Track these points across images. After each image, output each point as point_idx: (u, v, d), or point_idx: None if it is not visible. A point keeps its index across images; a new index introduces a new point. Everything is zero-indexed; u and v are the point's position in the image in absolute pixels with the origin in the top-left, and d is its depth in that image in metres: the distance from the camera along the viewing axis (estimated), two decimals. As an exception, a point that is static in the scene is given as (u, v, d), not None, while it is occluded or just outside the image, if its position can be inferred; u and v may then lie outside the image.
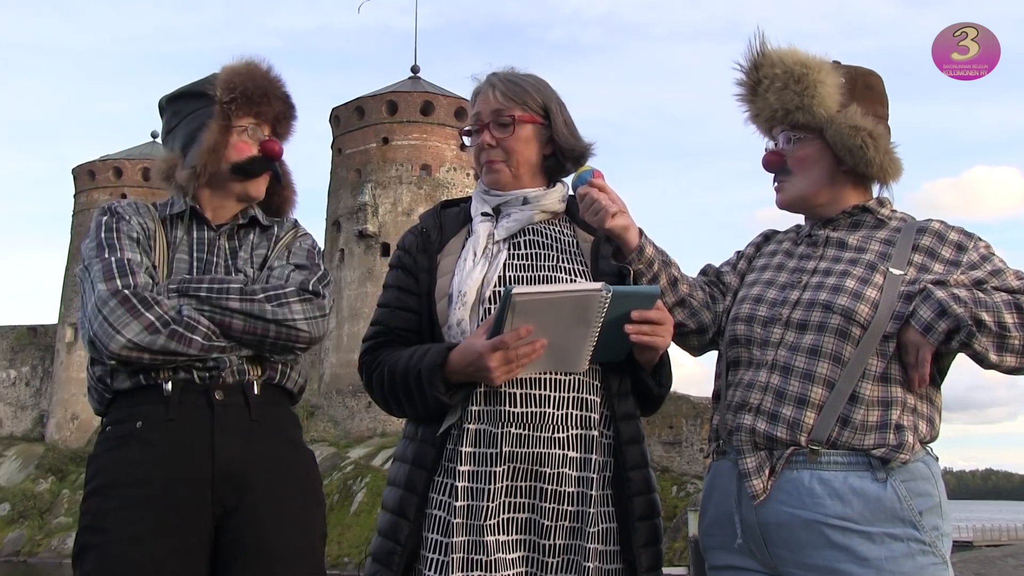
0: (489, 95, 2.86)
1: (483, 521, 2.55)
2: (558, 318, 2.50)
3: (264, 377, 2.89)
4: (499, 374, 2.53)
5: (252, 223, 3.09)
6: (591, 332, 2.55)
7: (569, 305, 2.49)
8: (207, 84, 3.02)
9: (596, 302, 2.49)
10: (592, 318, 2.52)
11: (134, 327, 2.68)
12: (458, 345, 2.60)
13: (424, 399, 2.61)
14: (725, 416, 2.77)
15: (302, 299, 2.87)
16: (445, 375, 2.58)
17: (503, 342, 2.48)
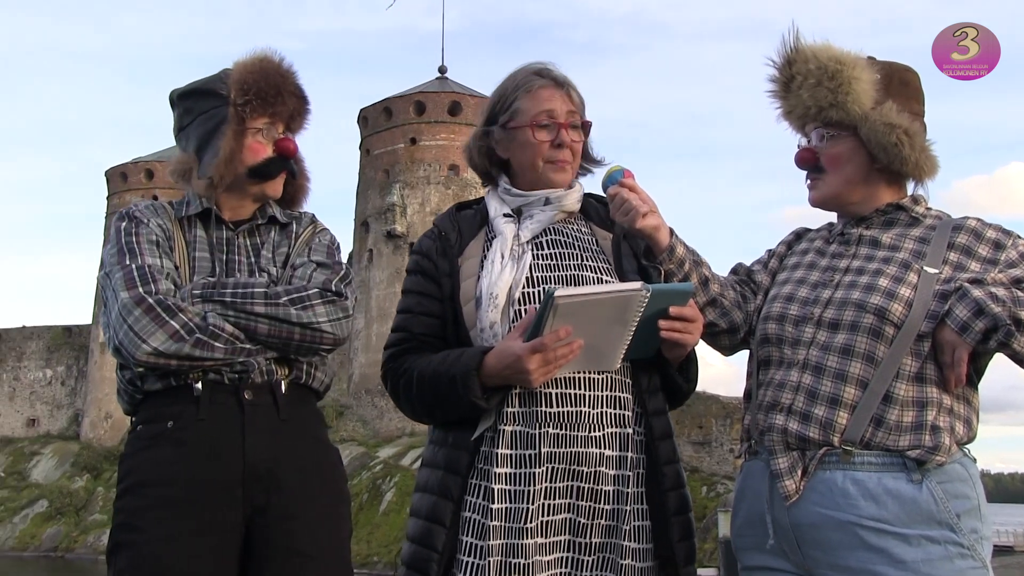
0: (563, 95, 2.83)
1: (523, 524, 2.52)
2: (597, 318, 2.48)
3: (291, 377, 2.89)
4: (538, 376, 2.50)
5: (271, 221, 3.08)
6: (627, 331, 2.53)
7: (609, 306, 2.47)
8: (219, 82, 2.99)
9: (636, 302, 2.47)
10: (630, 317, 2.50)
11: (159, 336, 2.68)
12: (493, 348, 2.57)
13: (458, 403, 2.58)
14: (756, 416, 2.74)
15: (325, 301, 2.86)
16: (481, 379, 2.55)
17: (543, 344, 2.46)
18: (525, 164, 2.83)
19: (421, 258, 2.85)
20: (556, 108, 2.80)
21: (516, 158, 2.85)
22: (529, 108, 2.81)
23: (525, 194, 2.83)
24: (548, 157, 2.81)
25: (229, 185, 2.98)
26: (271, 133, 2.99)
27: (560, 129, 2.80)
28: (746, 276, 3.03)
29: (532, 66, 2.87)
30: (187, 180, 3.02)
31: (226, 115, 2.94)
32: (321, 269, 2.95)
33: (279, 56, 3.03)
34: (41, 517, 62.34)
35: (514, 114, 2.82)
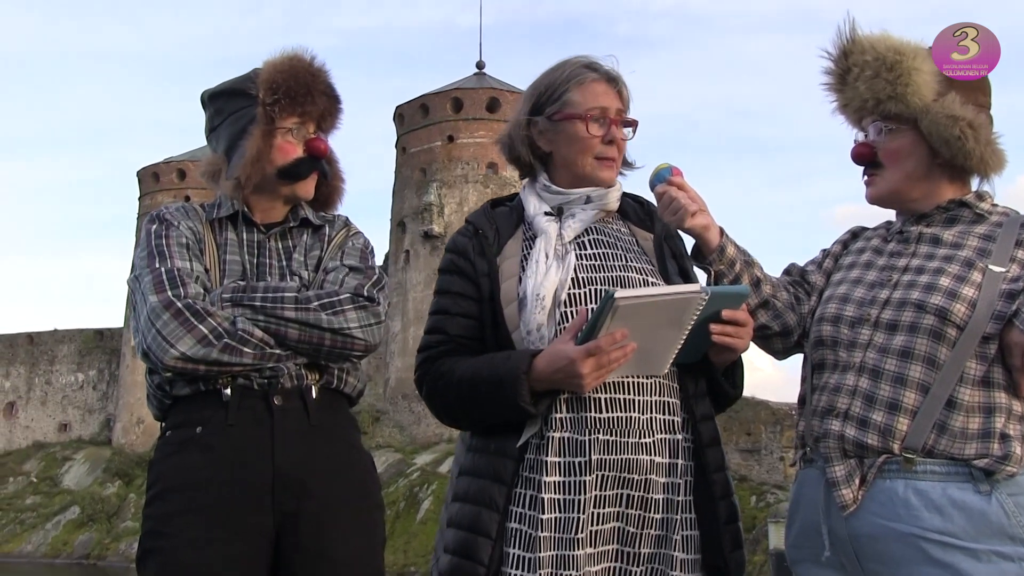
0: (614, 91, 2.81)
1: (573, 534, 2.49)
2: (652, 321, 2.45)
3: (322, 382, 2.91)
4: (590, 380, 2.46)
5: (303, 224, 3.08)
6: (681, 335, 2.50)
7: (667, 308, 2.44)
8: (249, 82, 3.00)
9: (694, 305, 2.45)
10: (686, 320, 2.47)
11: (187, 340, 2.70)
12: (542, 351, 2.54)
13: (504, 408, 2.54)
14: (811, 422, 2.70)
15: (357, 306, 2.87)
16: (529, 382, 2.52)
17: (599, 347, 2.42)
18: (571, 159, 2.79)
19: (457, 257, 2.82)
20: (608, 104, 2.78)
21: (562, 152, 2.81)
22: (581, 101, 2.77)
23: (566, 192, 2.80)
24: (599, 153, 2.78)
25: (259, 187, 2.99)
26: (301, 133, 3.00)
27: (611, 125, 2.77)
28: (799, 277, 3.00)
29: (581, 59, 2.84)
30: (217, 181, 3.03)
31: (255, 115, 2.96)
32: (353, 274, 2.96)
33: (310, 54, 3.05)
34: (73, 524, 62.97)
35: (564, 105, 2.78)
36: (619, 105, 2.79)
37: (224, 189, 3.01)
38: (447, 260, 2.85)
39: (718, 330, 2.54)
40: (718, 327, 2.53)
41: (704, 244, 2.76)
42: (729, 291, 2.56)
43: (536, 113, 2.83)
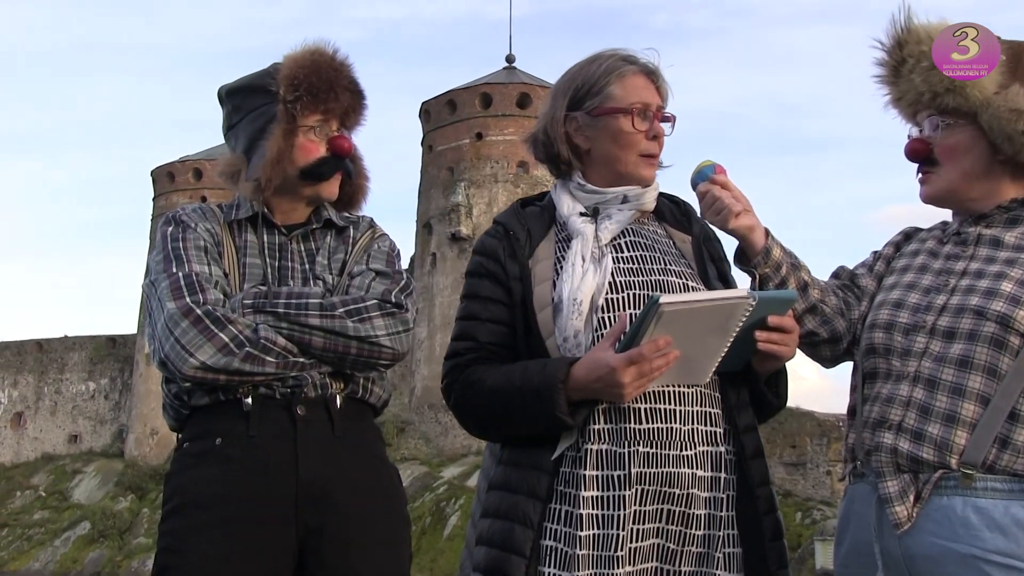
0: (656, 86, 2.81)
1: (613, 551, 2.48)
2: (697, 328, 2.44)
3: (347, 391, 2.92)
4: (631, 390, 2.46)
5: (327, 225, 3.09)
6: (725, 342, 2.50)
7: (712, 314, 2.43)
8: (268, 78, 3.00)
9: (741, 311, 2.44)
10: (731, 327, 2.47)
11: (207, 349, 2.71)
12: (580, 359, 2.53)
13: (538, 419, 2.54)
14: (862, 434, 2.69)
15: (384, 313, 2.88)
16: (566, 392, 2.51)
17: (641, 355, 2.41)
18: (613, 155, 2.78)
19: (486, 259, 2.81)
20: (649, 98, 2.78)
21: (602, 148, 2.80)
22: (623, 95, 2.76)
23: (602, 191, 2.79)
24: (643, 150, 2.77)
25: (281, 187, 3.00)
26: (324, 131, 3.00)
27: (654, 120, 2.77)
28: (849, 281, 2.98)
29: (617, 51, 2.83)
30: (236, 182, 3.04)
31: (275, 113, 2.96)
32: (380, 279, 2.97)
33: (332, 48, 3.05)
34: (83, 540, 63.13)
35: (605, 100, 2.77)
36: (659, 100, 2.79)
37: (243, 191, 3.02)
38: (475, 263, 2.85)
39: (763, 337, 2.53)
40: (763, 334, 2.53)
41: (749, 246, 2.75)
42: (776, 296, 2.56)
43: (574, 108, 2.81)
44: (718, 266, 2.81)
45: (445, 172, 60.90)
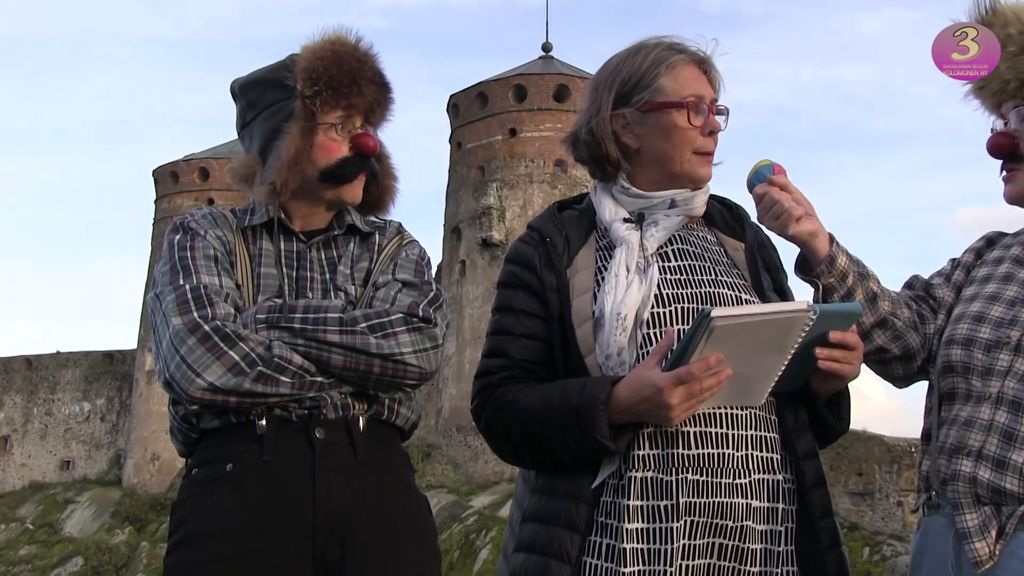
0: (707, 77, 2.82)
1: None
2: (751, 344, 2.44)
3: (371, 413, 2.92)
4: (679, 412, 2.45)
5: (350, 231, 3.10)
6: (783, 360, 2.50)
7: (769, 329, 2.43)
8: (285, 71, 3.01)
9: (800, 325, 2.44)
10: (789, 343, 2.47)
11: (216, 369, 2.71)
12: (623, 378, 2.53)
13: (579, 444, 2.54)
14: (938, 461, 2.68)
15: (411, 328, 2.87)
16: (609, 414, 2.51)
17: (691, 374, 2.41)
18: (666, 154, 2.78)
19: (521, 269, 2.82)
20: (702, 91, 2.78)
21: (653, 147, 2.80)
22: (675, 88, 2.77)
23: (648, 195, 2.80)
24: (698, 147, 2.77)
25: (299, 190, 3.01)
26: (347, 128, 3.02)
27: (710, 113, 2.78)
28: (924, 292, 2.97)
29: (663, 39, 2.83)
30: (251, 185, 3.06)
31: (293, 110, 2.97)
32: (407, 290, 2.97)
33: (355, 37, 3.06)
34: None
35: (656, 93, 2.77)
36: (712, 92, 2.80)
37: (259, 194, 3.03)
38: (508, 272, 2.86)
39: (825, 355, 2.53)
40: (825, 351, 2.53)
41: (811, 254, 2.74)
42: (839, 309, 2.56)
43: (620, 104, 2.81)
44: (774, 276, 2.81)
45: (475, 172, 60.87)
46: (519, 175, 59.43)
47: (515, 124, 60.16)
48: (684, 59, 2.79)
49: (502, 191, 59.36)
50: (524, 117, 60.11)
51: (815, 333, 2.48)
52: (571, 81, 59.79)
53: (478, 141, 61.25)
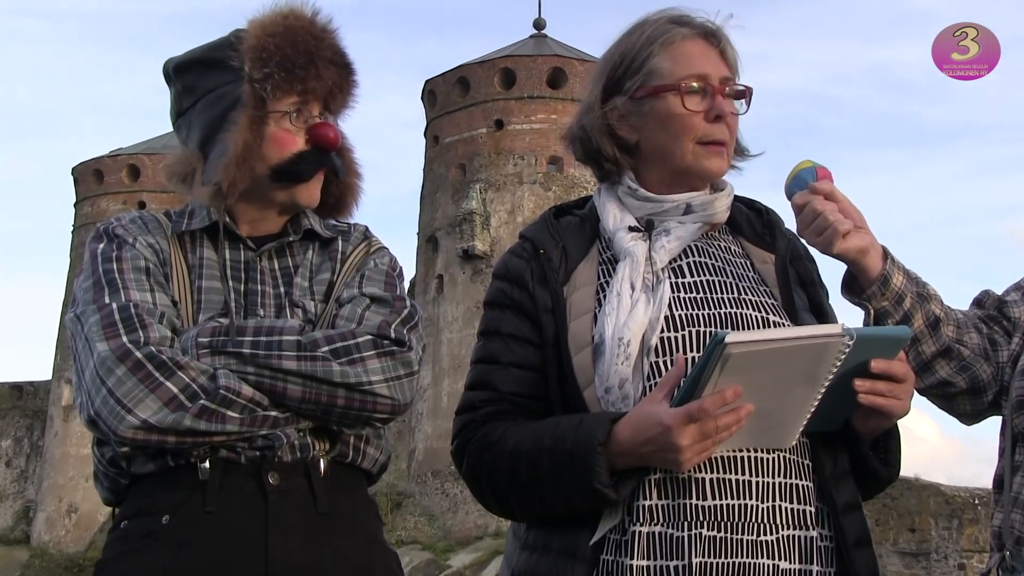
0: (717, 51, 2.81)
1: None
2: (776, 375, 2.41)
3: (333, 454, 2.90)
4: (691, 455, 2.42)
5: (307, 237, 3.10)
6: (815, 393, 2.46)
7: (796, 357, 2.39)
8: (229, 50, 2.99)
9: (833, 352, 2.39)
10: (822, 374, 2.42)
11: (150, 403, 2.67)
12: (625, 415, 2.51)
13: (574, 492, 2.53)
14: (1011, 515, 2.68)
15: (381, 352, 2.85)
16: (608, 457, 2.49)
17: (703, 410, 2.36)
18: (665, 146, 2.78)
19: (510, 286, 2.82)
20: (708, 69, 2.76)
21: (652, 139, 2.80)
22: (671, 68, 2.76)
23: (659, 198, 2.79)
24: (703, 135, 2.75)
25: (247, 190, 2.99)
26: (303, 118, 3.00)
27: (715, 95, 2.75)
28: (996, 311, 2.95)
29: (667, 12, 2.83)
30: (189, 185, 3.03)
31: (239, 96, 2.95)
32: (376, 306, 2.95)
33: (311, 9, 3.05)
34: (-29, 660, 62.43)
35: (648, 76, 2.77)
36: (724, 70, 2.78)
37: (200, 196, 3.01)
38: (495, 290, 2.86)
39: (866, 388, 2.48)
40: (866, 383, 2.48)
41: (861, 272, 2.72)
42: (882, 333, 2.54)
43: (614, 92, 2.82)
44: (811, 293, 2.79)
45: (455, 171, 60.88)
46: (506, 175, 59.44)
47: (502, 114, 60.17)
48: (686, 33, 2.79)
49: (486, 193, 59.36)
50: (512, 106, 60.14)
51: (854, 362, 2.44)
52: (568, 64, 59.84)
53: (458, 135, 61.27)
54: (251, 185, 2.98)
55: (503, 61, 61.26)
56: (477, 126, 60.62)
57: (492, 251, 58.33)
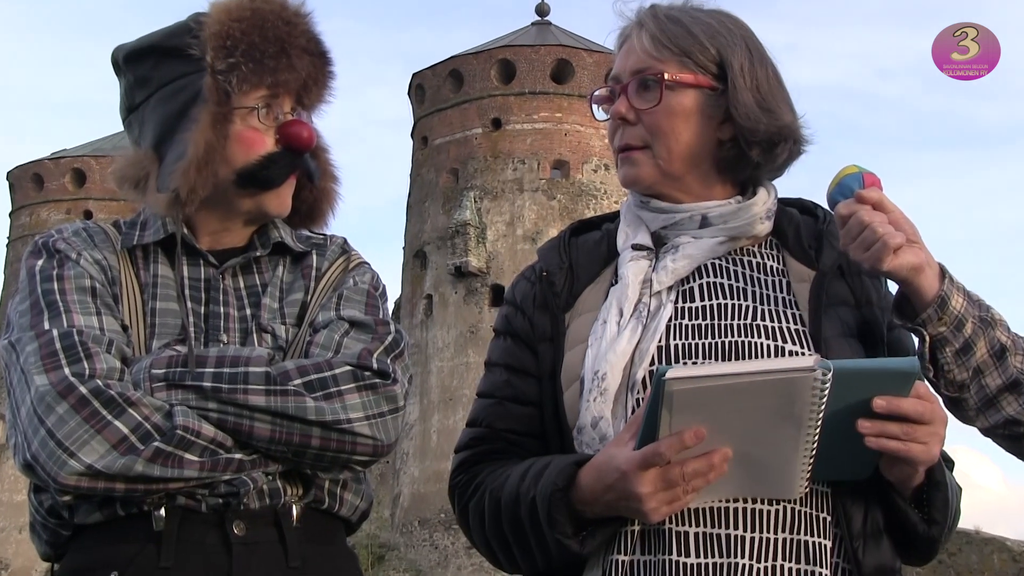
0: (634, 41, 2.81)
1: None
2: (748, 415, 2.36)
3: (308, 500, 2.88)
4: (655, 504, 2.39)
5: (277, 250, 3.08)
6: (804, 436, 2.41)
7: (762, 395, 2.34)
8: (189, 36, 2.95)
9: (806, 389, 2.34)
10: (803, 414, 2.37)
11: (96, 446, 2.62)
12: (591, 458, 2.50)
13: (541, 543, 2.53)
14: None
15: (362, 385, 2.81)
16: (573, 506, 2.48)
17: (658, 453, 2.34)
18: None
19: (514, 312, 2.84)
20: (621, 66, 2.83)
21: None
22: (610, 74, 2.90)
23: (672, 208, 2.79)
24: (614, 143, 2.84)
25: (208, 197, 2.96)
26: (273, 114, 2.97)
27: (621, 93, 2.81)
28: None
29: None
30: (142, 191, 3.00)
31: (200, 89, 2.92)
32: (357, 332, 2.93)
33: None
34: None
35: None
36: (639, 61, 2.80)
37: (155, 204, 2.97)
38: (501, 316, 2.88)
39: (872, 430, 2.40)
40: (870, 424, 2.40)
41: (915, 293, 2.66)
42: (879, 367, 2.47)
43: None
44: (865, 315, 2.76)
45: (446, 176, 61.08)
46: (504, 181, 59.61)
47: (499, 112, 60.38)
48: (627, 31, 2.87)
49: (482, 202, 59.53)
50: (511, 103, 60.34)
51: (854, 399, 2.40)
52: (575, 55, 60.07)
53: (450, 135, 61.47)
54: (213, 192, 2.95)
55: (501, 52, 61.49)
56: (471, 126, 60.80)
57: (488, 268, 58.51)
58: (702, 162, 2.79)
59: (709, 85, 2.77)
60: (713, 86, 2.77)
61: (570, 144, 58.79)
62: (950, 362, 2.64)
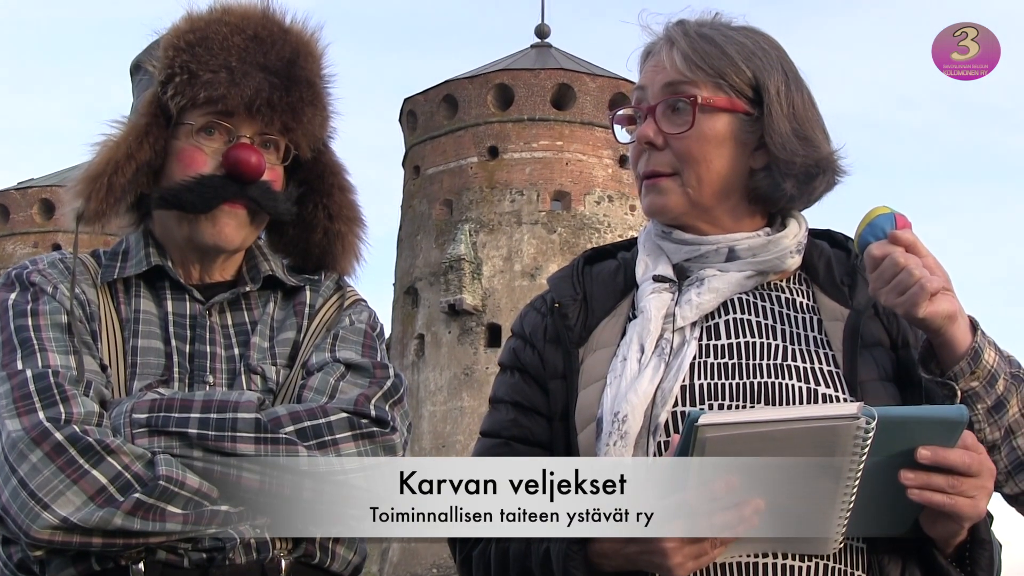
0: (663, 57, 2.77)
1: None
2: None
3: (297, 554, 2.85)
4: (681, 560, 2.35)
5: (268, 285, 3.06)
6: (843, 488, 2.38)
7: (800, 443, 2.32)
8: (154, 47, 2.99)
9: (848, 437, 2.31)
10: (844, 464, 2.34)
11: (72, 498, 2.58)
12: None
13: None
14: None
15: (359, 434, 2.78)
16: (590, 559, 2.45)
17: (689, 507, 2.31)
18: None
19: (522, 345, 2.83)
20: (648, 83, 2.79)
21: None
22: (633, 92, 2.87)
23: (697, 240, 2.77)
24: (637, 170, 2.81)
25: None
26: (225, 136, 2.92)
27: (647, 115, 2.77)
28: None
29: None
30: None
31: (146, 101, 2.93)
32: (353, 376, 2.90)
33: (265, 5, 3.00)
34: None
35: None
36: (669, 78, 2.76)
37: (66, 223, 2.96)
38: (507, 350, 2.86)
39: (917, 482, 2.36)
40: (917, 477, 2.36)
41: (945, 345, 2.62)
42: (926, 415, 2.44)
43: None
44: (902, 357, 2.72)
45: (440, 208, 61.22)
46: (501, 213, 59.72)
47: (496, 140, 60.53)
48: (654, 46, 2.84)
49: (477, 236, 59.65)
50: (509, 130, 60.50)
51: (897, 448, 2.37)
52: (576, 80, 60.20)
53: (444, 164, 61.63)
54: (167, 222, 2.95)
55: (498, 76, 61.63)
56: (466, 154, 60.95)
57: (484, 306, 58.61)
58: (733, 193, 2.77)
59: (744, 110, 2.73)
60: (748, 111, 2.73)
61: (571, 174, 58.91)
62: (982, 420, 2.59)
